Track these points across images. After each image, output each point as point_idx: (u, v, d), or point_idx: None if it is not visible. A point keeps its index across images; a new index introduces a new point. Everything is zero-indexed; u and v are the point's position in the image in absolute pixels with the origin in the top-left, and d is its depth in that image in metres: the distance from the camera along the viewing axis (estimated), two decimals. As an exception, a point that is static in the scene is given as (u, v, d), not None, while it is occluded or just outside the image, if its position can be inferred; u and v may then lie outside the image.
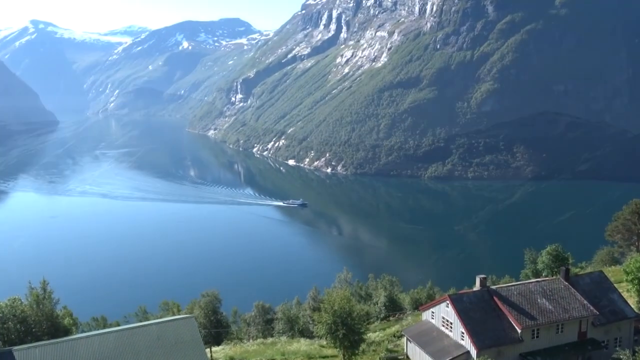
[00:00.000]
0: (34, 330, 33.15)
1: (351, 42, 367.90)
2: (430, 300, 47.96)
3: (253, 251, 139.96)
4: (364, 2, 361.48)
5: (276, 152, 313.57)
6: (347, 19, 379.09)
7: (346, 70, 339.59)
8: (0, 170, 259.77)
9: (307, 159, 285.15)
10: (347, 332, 35.13)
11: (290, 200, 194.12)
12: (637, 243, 59.80)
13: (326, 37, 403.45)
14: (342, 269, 62.41)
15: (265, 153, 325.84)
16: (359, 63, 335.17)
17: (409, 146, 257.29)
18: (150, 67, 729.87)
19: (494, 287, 37.17)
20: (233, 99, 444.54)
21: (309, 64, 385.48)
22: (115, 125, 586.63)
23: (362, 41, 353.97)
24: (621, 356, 31.10)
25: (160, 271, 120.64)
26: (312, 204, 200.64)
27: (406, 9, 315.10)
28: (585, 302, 35.49)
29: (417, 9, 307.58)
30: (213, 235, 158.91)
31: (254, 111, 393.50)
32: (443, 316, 36.20)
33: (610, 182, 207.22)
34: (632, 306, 40.20)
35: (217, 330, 48.74)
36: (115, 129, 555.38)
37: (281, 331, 49.02)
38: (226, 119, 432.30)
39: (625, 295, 41.98)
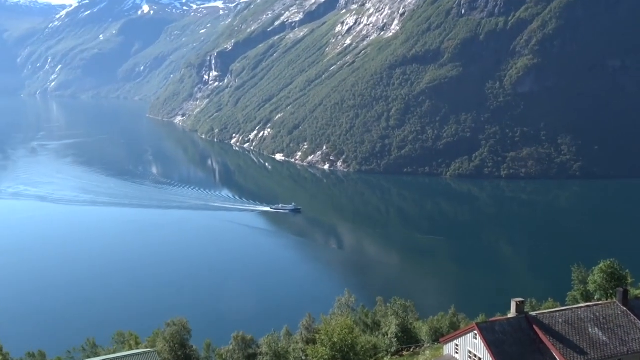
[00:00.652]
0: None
1: (354, 6, 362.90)
2: (454, 330, 47.72)
3: (232, 269, 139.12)
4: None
5: (260, 145, 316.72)
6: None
7: (348, 41, 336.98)
8: None
9: (300, 153, 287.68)
10: (350, 370, 35.69)
11: (280, 205, 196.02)
12: None
13: (323, 0, 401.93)
14: (343, 291, 62.76)
15: (246, 145, 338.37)
16: (364, 33, 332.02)
17: (427, 137, 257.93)
18: (101, 37, 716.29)
19: (533, 313, 36.67)
20: (206, 77, 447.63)
21: (302, 34, 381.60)
22: (58, 109, 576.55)
23: (367, 5, 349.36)
24: None
25: (114, 294, 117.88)
26: (307, 209, 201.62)
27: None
28: (649, 331, 36.78)
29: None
30: (181, 248, 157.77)
31: (232, 93, 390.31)
32: (470, 350, 35.42)
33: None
34: None
35: (185, 368, 49.45)
36: (58, 114, 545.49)
37: (267, 369, 50.04)
38: (197, 102, 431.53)
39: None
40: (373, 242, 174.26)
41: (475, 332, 34.82)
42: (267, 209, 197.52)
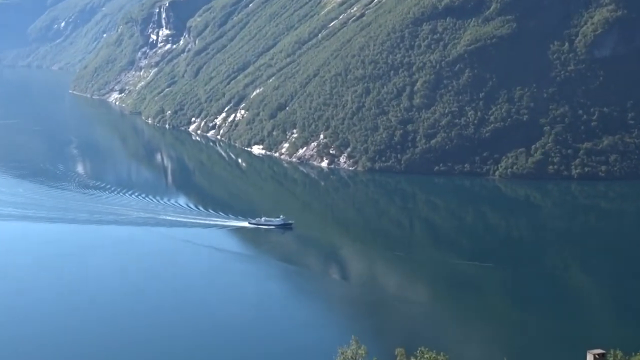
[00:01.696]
0: None
1: None
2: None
3: (194, 313, 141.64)
4: None
5: (231, 132, 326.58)
6: None
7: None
8: None
9: (286, 145, 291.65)
10: None
11: (263, 219, 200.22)
12: None
13: None
14: (348, 340, 64.71)
15: (211, 134, 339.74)
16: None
17: (467, 121, 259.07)
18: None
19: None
20: (153, 37, 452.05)
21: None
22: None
23: None
24: None
25: (23, 346, 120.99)
26: (299, 223, 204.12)
27: None
28: None
29: None
30: (118, 283, 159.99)
31: (190, 59, 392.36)
32: None
33: None
34: None
35: None
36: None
37: None
38: (141, 73, 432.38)
39: None
40: (390, 270, 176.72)
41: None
42: (244, 224, 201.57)
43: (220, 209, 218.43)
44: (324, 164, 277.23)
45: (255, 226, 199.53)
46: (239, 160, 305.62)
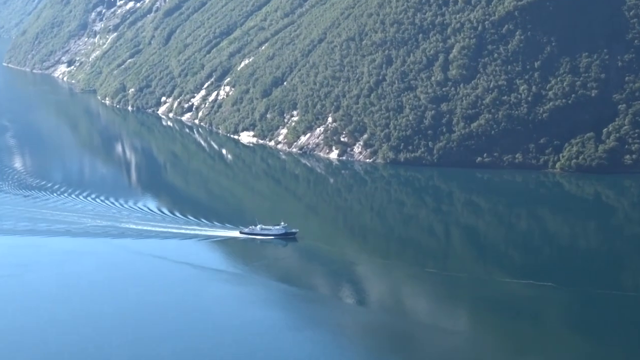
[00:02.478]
0: None
1: None
2: None
3: (162, 347, 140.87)
4: None
5: (212, 116, 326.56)
6: None
7: None
8: None
9: (285, 131, 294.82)
10: None
11: (259, 227, 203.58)
12: None
13: None
14: None
15: (187, 117, 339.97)
16: None
17: (518, 98, 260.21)
18: None
19: None
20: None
21: None
22: None
23: None
24: None
25: None
26: (304, 232, 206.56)
27: None
28: None
29: None
30: (66, 309, 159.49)
31: (159, 22, 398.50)
32: None
33: None
34: None
35: None
36: None
37: None
38: (96, 40, 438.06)
39: None
40: (421, 291, 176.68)
41: None
42: (234, 234, 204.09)
43: (202, 214, 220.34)
44: (334, 155, 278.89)
45: (249, 236, 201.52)
46: (224, 152, 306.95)
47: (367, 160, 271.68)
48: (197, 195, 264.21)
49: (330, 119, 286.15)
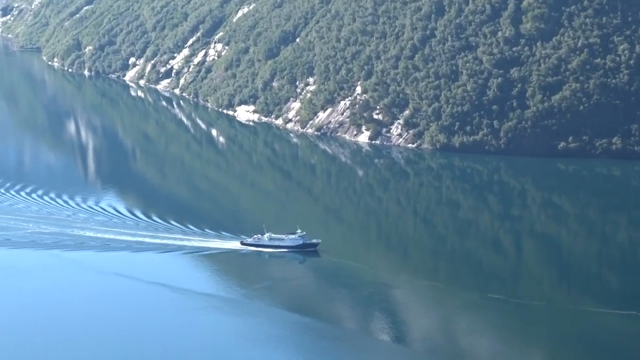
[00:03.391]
0: None
1: None
2: None
3: None
4: None
5: (197, 84, 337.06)
6: None
7: None
8: None
9: (297, 105, 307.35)
10: None
11: (267, 236, 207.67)
12: None
13: None
14: None
15: (163, 85, 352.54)
16: None
17: (616, 62, 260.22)
18: None
19: None
20: None
21: None
22: None
23: None
24: None
25: None
26: (328, 243, 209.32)
27: None
28: None
29: None
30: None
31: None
32: None
33: None
34: None
35: None
36: None
37: None
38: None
39: None
40: (481, 325, 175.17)
41: None
42: (234, 245, 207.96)
43: (189, 219, 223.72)
44: (364, 138, 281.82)
45: (254, 249, 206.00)
46: (214, 133, 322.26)
47: (409, 145, 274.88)
48: (180, 193, 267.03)
49: (359, 89, 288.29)
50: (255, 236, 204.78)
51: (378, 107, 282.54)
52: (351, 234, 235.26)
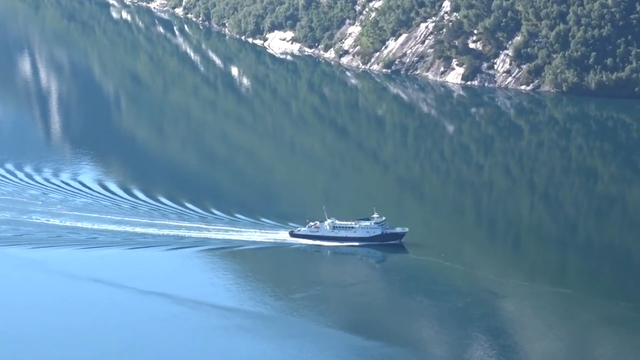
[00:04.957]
0: None
1: None
2: None
3: None
4: None
5: (210, 1, 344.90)
6: None
7: None
8: None
9: (355, 31, 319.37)
10: None
11: (330, 223, 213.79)
12: None
13: None
14: None
15: (159, 3, 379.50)
16: None
17: None
18: None
19: None
20: None
21: None
22: None
23: None
24: None
25: None
26: (417, 233, 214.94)
27: None
28: None
29: None
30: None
31: None
32: None
33: None
34: None
35: None
36: None
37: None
38: None
39: None
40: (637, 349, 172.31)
41: None
42: (280, 236, 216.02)
43: (205, 199, 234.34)
44: (454, 77, 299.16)
45: (309, 243, 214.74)
46: (234, 72, 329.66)
47: (522, 87, 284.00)
48: (188, 161, 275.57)
49: (446, 5, 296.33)
50: (311, 224, 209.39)
51: (475, 31, 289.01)
52: (437, 220, 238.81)
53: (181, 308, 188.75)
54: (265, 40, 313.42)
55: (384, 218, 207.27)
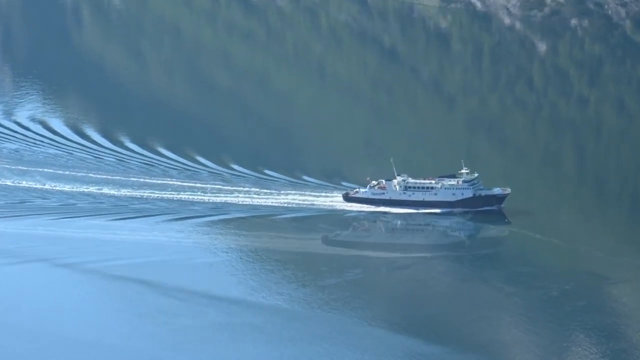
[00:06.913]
0: None
1: None
2: None
3: None
4: None
5: None
6: None
7: None
8: None
9: None
10: None
11: (399, 182, 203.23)
12: None
13: None
14: None
15: None
16: None
17: None
18: None
19: None
20: None
21: None
22: None
23: None
24: None
25: None
26: (521, 195, 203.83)
27: None
28: None
29: None
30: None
31: None
32: None
33: None
34: None
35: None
36: None
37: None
38: None
39: None
40: None
41: None
42: (330, 200, 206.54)
43: (218, 151, 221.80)
44: None
45: (371, 208, 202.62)
46: None
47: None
48: (176, 94, 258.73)
49: None
50: (374, 183, 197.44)
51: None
52: (527, 176, 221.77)
53: (174, 301, 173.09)
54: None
55: (476, 175, 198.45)
